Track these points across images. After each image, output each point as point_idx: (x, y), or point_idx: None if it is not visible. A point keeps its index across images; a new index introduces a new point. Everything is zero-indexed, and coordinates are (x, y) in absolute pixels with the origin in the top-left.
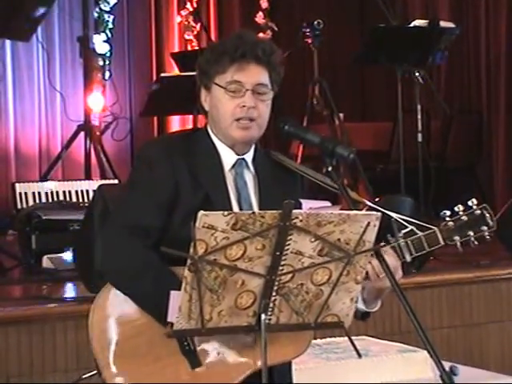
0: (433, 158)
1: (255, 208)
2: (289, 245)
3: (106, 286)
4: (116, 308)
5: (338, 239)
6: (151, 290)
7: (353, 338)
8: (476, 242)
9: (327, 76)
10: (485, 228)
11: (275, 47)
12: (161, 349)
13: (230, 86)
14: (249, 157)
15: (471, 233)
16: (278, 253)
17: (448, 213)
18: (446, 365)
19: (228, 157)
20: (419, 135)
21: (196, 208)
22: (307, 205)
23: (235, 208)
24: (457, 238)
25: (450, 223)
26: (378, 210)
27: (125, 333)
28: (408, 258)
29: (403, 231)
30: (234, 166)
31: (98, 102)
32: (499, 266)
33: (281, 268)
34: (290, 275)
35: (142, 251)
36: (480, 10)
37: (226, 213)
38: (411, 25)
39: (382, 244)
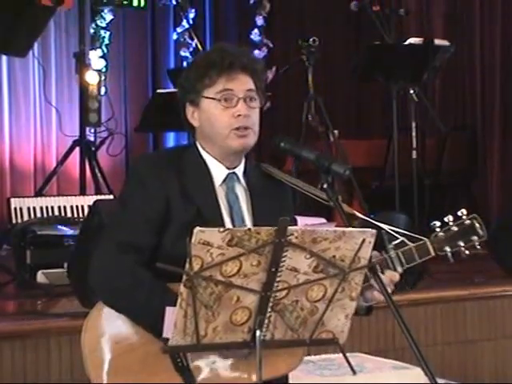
0: (427, 175)
1: (247, 222)
2: (284, 261)
3: (98, 303)
4: (108, 325)
5: (333, 256)
6: (143, 306)
7: (347, 354)
8: (467, 253)
9: (322, 93)
10: (475, 238)
11: (256, 56)
12: (154, 366)
13: (222, 95)
14: (239, 170)
15: (462, 243)
16: (273, 269)
17: (438, 223)
18: (441, 382)
19: (218, 171)
20: (414, 152)
21: (188, 224)
22: (303, 221)
23: (227, 222)
24: (447, 248)
25: (441, 234)
26: (369, 223)
27: (117, 350)
28: (399, 270)
29: (394, 242)
30: (224, 180)
31: (93, 117)
32: (493, 283)
33: (276, 284)
34: (285, 291)
35: (134, 269)
36: (474, 27)
37: (221, 229)
38: (406, 43)
39: (375, 260)
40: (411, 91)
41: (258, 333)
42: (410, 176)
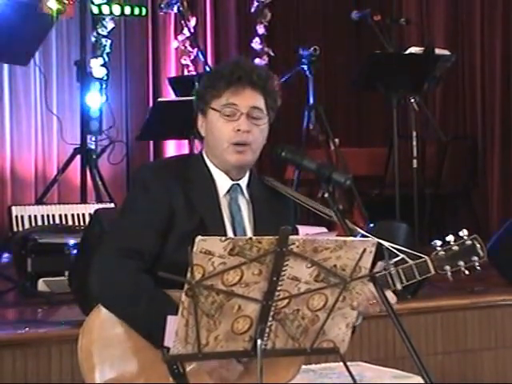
0: (428, 184)
1: (249, 233)
2: (285, 270)
3: (96, 308)
4: (105, 331)
5: (334, 265)
6: (144, 313)
7: (348, 363)
8: (467, 272)
9: (323, 101)
10: (475, 258)
11: (271, 73)
12: (150, 372)
13: (225, 109)
14: (243, 182)
15: (462, 263)
16: (274, 278)
17: (439, 243)
18: None
19: (223, 182)
20: (414, 161)
21: (190, 232)
22: (304, 231)
23: (229, 233)
24: (447, 267)
25: (441, 253)
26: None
27: (114, 356)
28: (399, 287)
29: (394, 260)
30: (228, 191)
31: (94, 125)
32: (494, 292)
33: (277, 293)
34: (286, 301)
35: (135, 274)
36: (475, 37)
37: (223, 238)
38: (407, 52)
39: (377, 271)
40: (412, 100)
41: (258, 342)
42: (411, 185)
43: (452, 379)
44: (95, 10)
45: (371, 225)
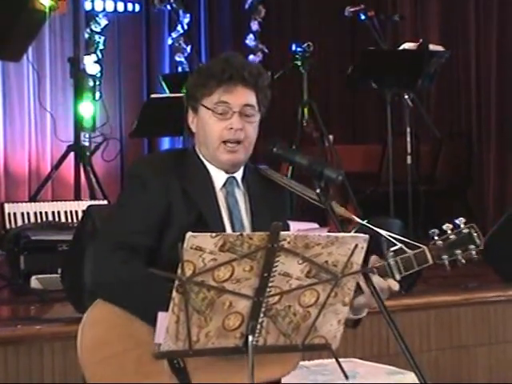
0: (422, 181)
1: (246, 226)
2: (276, 266)
3: (95, 303)
4: (104, 326)
5: (326, 261)
6: (142, 301)
7: (340, 360)
8: (463, 261)
9: (318, 98)
10: (472, 247)
11: (262, 69)
12: (150, 367)
13: (218, 107)
14: (239, 175)
15: (459, 252)
16: (265, 274)
17: (437, 231)
18: None
19: (218, 175)
20: (409, 158)
21: (189, 227)
22: (295, 226)
23: (227, 226)
24: (445, 256)
25: (439, 242)
26: (367, 227)
27: (113, 350)
28: (398, 277)
29: (392, 249)
30: (224, 184)
31: (88, 122)
32: (487, 288)
33: (268, 290)
34: (277, 297)
35: (130, 264)
36: (470, 33)
37: (213, 234)
38: (401, 48)
39: (370, 266)
40: (406, 97)
41: (250, 338)
42: (405, 182)
43: (446, 375)
44: (88, 7)
45: (365, 221)
